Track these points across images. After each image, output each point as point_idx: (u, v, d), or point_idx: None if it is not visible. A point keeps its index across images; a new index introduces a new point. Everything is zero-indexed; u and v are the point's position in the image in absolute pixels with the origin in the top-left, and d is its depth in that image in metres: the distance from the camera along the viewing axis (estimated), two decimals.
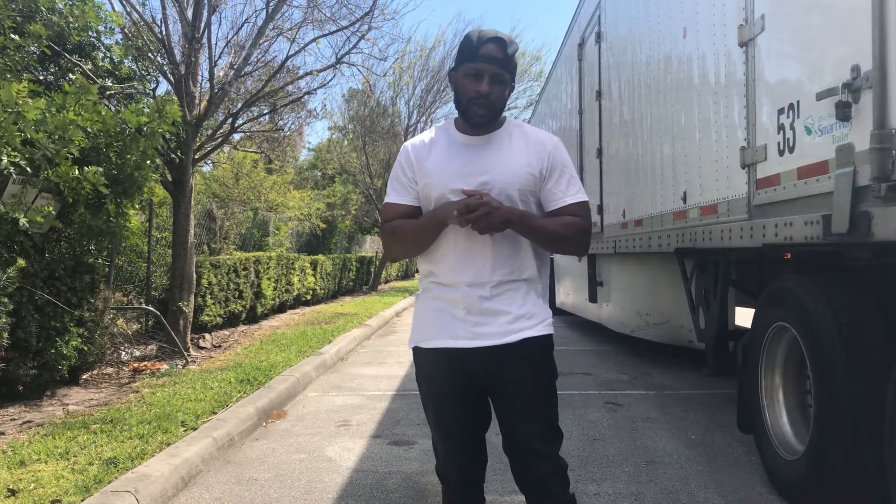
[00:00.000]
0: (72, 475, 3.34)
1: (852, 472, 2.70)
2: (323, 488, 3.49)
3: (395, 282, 26.00)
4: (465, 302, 2.00)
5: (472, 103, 1.99)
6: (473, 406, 2.07)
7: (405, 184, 2.09)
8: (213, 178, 15.12)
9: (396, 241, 2.13)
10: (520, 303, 2.01)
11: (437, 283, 2.07)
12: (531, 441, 1.99)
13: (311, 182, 26.98)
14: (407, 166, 2.09)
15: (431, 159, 2.06)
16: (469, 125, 2.05)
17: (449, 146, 2.07)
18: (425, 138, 2.14)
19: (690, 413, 4.88)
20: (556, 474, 1.99)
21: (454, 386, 2.04)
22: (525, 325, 2.00)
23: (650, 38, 5.46)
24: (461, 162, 2.02)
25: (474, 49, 1.98)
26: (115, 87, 6.97)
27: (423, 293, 2.14)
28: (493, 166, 2.00)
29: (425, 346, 2.08)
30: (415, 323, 2.16)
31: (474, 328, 1.99)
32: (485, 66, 1.97)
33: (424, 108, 21.42)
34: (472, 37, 2.02)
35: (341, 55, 9.00)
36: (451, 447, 2.09)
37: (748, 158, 3.59)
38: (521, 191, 2.01)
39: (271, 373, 5.96)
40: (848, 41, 2.65)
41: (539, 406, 2.02)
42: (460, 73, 2.02)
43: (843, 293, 2.92)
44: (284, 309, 12.32)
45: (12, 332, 4.56)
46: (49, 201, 4.92)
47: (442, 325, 2.03)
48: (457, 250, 2.01)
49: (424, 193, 2.05)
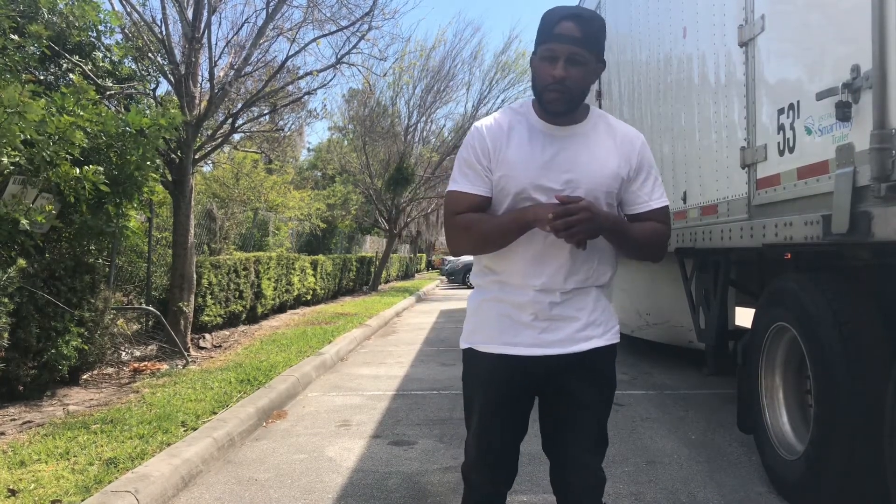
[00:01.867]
0: (72, 475, 3.34)
1: (852, 471, 2.70)
2: (323, 488, 3.49)
3: (395, 282, 26.00)
4: (533, 307, 1.85)
5: (546, 89, 1.79)
6: (521, 415, 1.96)
7: (480, 172, 1.86)
8: (213, 179, 15.10)
9: (469, 238, 1.89)
10: (590, 308, 1.89)
11: (500, 283, 1.90)
12: (579, 452, 1.90)
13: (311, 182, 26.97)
14: (482, 153, 1.86)
15: (512, 148, 1.84)
16: (546, 111, 1.84)
17: (530, 135, 1.86)
18: (502, 123, 1.89)
19: (690, 413, 4.88)
20: (596, 487, 1.91)
21: (509, 394, 1.92)
22: (594, 334, 1.89)
23: (650, 38, 5.46)
24: (545, 155, 1.83)
25: (550, 28, 1.77)
26: (116, 87, 6.97)
27: (481, 291, 1.96)
28: (580, 163, 1.82)
29: (482, 350, 1.93)
30: (470, 322, 1.99)
31: (541, 335, 1.85)
32: (560, 47, 1.75)
33: (424, 108, 21.42)
34: (549, 15, 1.80)
35: (341, 55, 9.00)
36: (486, 455, 1.97)
37: (748, 158, 3.59)
38: (608, 192, 1.85)
39: (271, 373, 5.96)
40: (848, 41, 2.65)
41: (595, 418, 1.92)
42: (538, 54, 1.81)
43: (843, 293, 2.92)
44: (284, 309, 12.32)
45: (12, 332, 4.56)
46: (49, 201, 4.92)
47: (504, 329, 1.88)
48: (530, 251, 1.84)
49: (501, 185, 1.85)
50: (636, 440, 4.23)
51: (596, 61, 1.82)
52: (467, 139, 1.92)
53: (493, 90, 22.12)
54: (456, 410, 5.13)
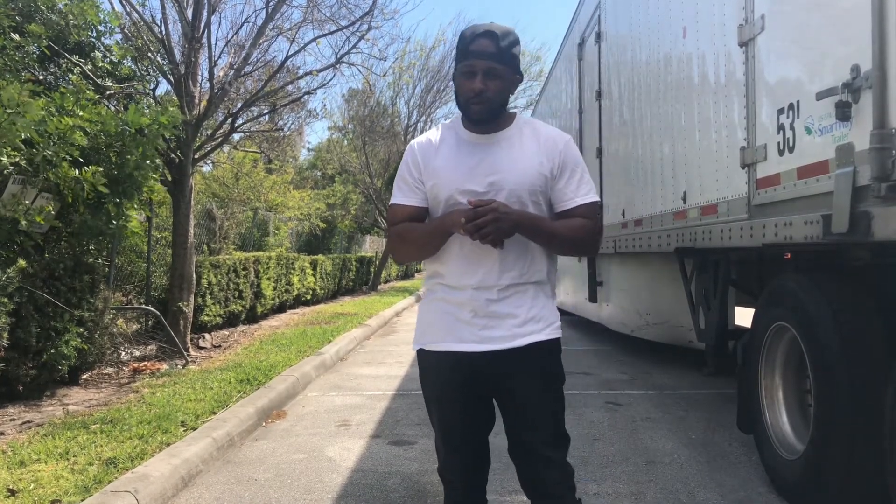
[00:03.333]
0: (71, 475, 3.33)
1: (852, 471, 2.70)
2: (323, 488, 3.49)
3: (395, 282, 26.00)
4: (471, 304, 1.95)
5: (469, 102, 1.94)
6: (478, 409, 2.04)
7: (411, 184, 2.02)
8: (212, 178, 15.10)
9: (403, 246, 2.09)
10: (528, 305, 1.97)
11: (443, 285, 2.01)
12: (539, 447, 1.95)
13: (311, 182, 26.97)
14: (413, 166, 2.02)
15: (439, 159, 1.99)
16: (471, 121, 1.99)
17: (458, 145, 2.01)
18: (432, 137, 2.06)
19: (690, 413, 4.88)
20: (563, 481, 1.96)
21: (459, 389, 2.00)
22: (533, 329, 1.95)
23: (650, 38, 5.46)
24: (470, 161, 1.96)
25: (466, 47, 1.93)
26: (115, 87, 6.97)
27: (429, 294, 2.08)
28: (502, 166, 1.94)
29: (430, 349, 2.03)
30: (419, 325, 2.10)
31: (481, 331, 1.94)
32: (477, 63, 1.90)
33: (424, 107, 21.43)
34: (465, 34, 1.96)
35: (341, 55, 9.00)
36: (453, 450, 2.06)
37: (748, 158, 3.59)
38: (531, 191, 1.94)
39: (271, 373, 5.96)
40: (848, 41, 2.65)
41: (547, 411, 1.97)
42: (458, 72, 1.97)
43: (842, 293, 2.92)
44: (284, 309, 12.31)
45: (12, 332, 4.56)
46: (49, 201, 4.91)
47: (448, 328, 1.98)
48: (464, 252, 1.95)
49: (433, 194, 1.99)
50: (636, 440, 4.23)
51: (512, 73, 1.97)
52: (403, 156, 2.09)
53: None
54: None
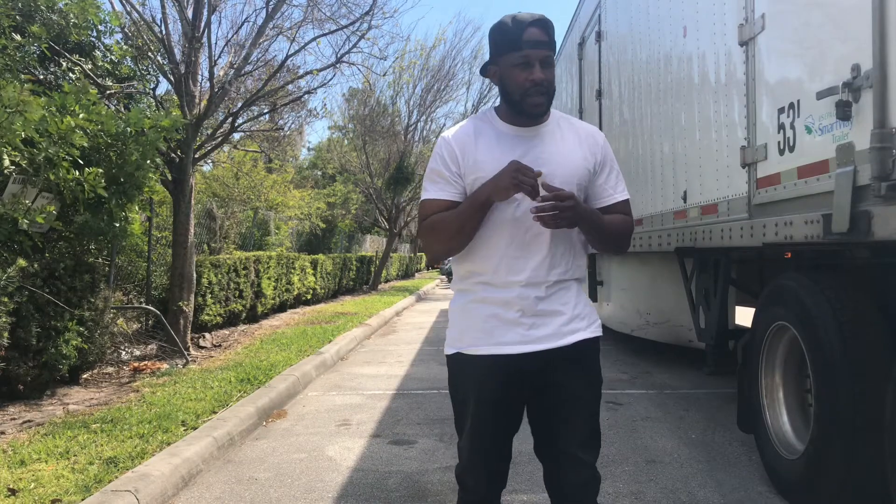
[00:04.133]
0: (72, 474, 3.34)
1: (852, 471, 2.70)
2: (323, 488, 3.49)
3: (395, 281, 26.00)
4: (519, 303, 1.87)
5: (527, 94, 1.84)
6: (512, 412, 1.97)
7: (448, 178, 1.91)
8: (213, 178, 15.10)
9: (437, 237, 1.93)
10: (573, 302, 1.93)
11: (483, 284, 1.92)
12: (573, 447, 1.90)
13: (312, 181, 26.99)
14: (450, 159, 1.91)
15: (481, 152, 1.89)
16: (524, 117, 1.90)
17: (498, 138, 1.92)
18: (468, 129, 1.96)
19: (690, 412, 4.88)
20: (591, 484, 1.91)
21: (501, 395, 1.92)
22: (579, 327, 1.92)
23: (650, 38, 5.46)
24: (515, 154, 1.86)
25: (517, 36, 1.83)
26: (115, 86, 6.97)
27: (464, 295, 1.98)
28: (550, 158, 1.88)
29: (472, 353, 1.93)
30: (455, 327, 2.00)
31: (529, 331, 1.87)
32: (533, 52, 1.82)
33: (424, 107, 21.42)
34: (508, 23, 1.86)
35: (341, 54, 9.00)
36: (482, 457, 1.98)
37: (748, 158, 3.59)
38: (578, 185, 1.90)
39: (271, 372, 5.96)
40: (848, 40, 2.65)
41: (587, 410, 1.93)
42: (506, 63, 1.86)
43: (843, 292, 2.91)
44: (285, 308, 12.32)
45: (12, 332, 4.56)
46: (49, 201, 4.91)
47: (491, 330, 1.89)
48: (512, 247, 1.87)
49: (477, 187, 1.88)
50: (636, 439, 4.23)
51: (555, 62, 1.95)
52: (435, 149, 1.97)
53: (494, 89, 22.09)
54: None
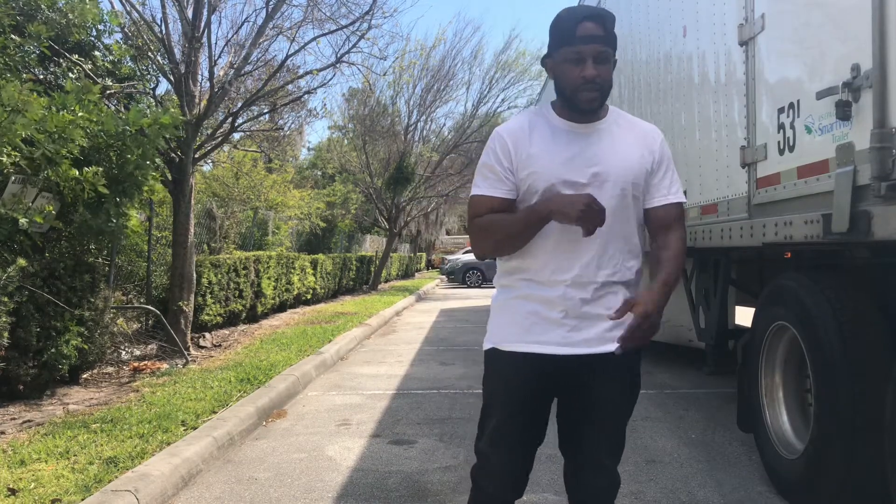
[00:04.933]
0: (72, 474, 3.34)
1: (852, 470, 2.70)
2: (323, 487, 3.49)
3: (395, 281, 25.99)
4: (563, 303, 1.82)
5: (579, 90, 1.81)
6: (541, 419, 1.93)
7: (500, 174, 1.86)
8: (212, 178, 15.09)
9: (489, 238, 1.89)
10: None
11: (528, 281, 1.87)
12: (599, 453, 1.88)
13: (311, 181, 26.98)
14: (503, 154, 1.86)
15: (535, 147, 1.85)
16: (578, 113, 1.87)
17: (553, 133, 1.87)
18: (523, 124, 1.92)
19: (690, 412, 4.88)
20: (611, 488, 1.90)
21: (532, 395, 1.88)
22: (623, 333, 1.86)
23: (650, 37, 5.46)
24: (570, 151, 1.83)
25: (570, 30, 1.80)
26: (115, 86, 6.97)
27: (506, 291, 1.93)
28: (606, 156, 1.84)
29: (508, 349, 1.88)
30: (495, 321, 1.95)
31: (570, 333, 1.82)
32: (586, 48, 1.79)
33: (424, 107, 21.40)
34: (564, 17, 1.83)
35: (341, 54, 8.99)
36: (505, 459, 1.91)
37: (748, 157, 3.59)
38: (634, 183, 1.86)
39: (271, 372, 5.96)
40: (848, 40, 2.65)
41: (620, 418, 1.91)
42: (560, 58, 1.83)
43: (842, 292, 2.91)
44: (285, 308, 12.31)
45: (12, 332, 4.56)
46: (49, 201, 4.91)
47: (532, 328, 1.85)
48: (560, 244, 1.82)
49: (529, 184, 1.85)
50: (636, 439, 4.23)
51: (614, 56, 1.89)
52: (488, 143, 1.92)
53: (493, 89, 22.12)
54: (455, 410, 5.13)
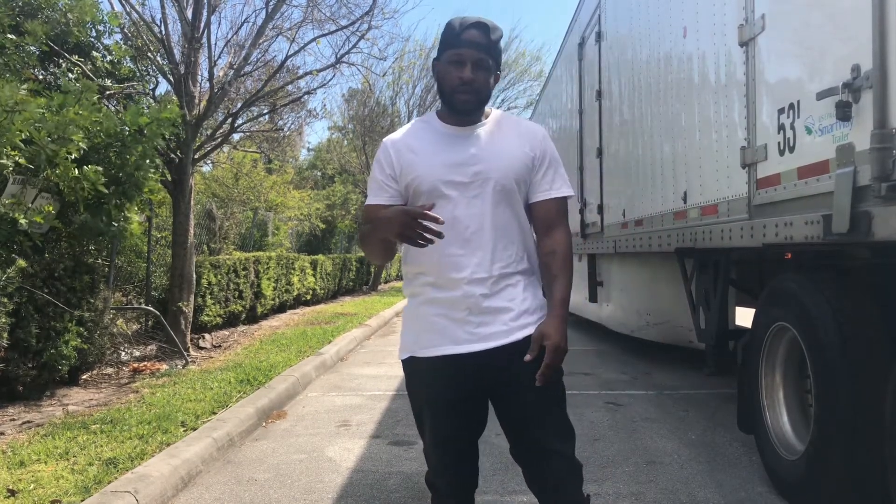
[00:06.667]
0: (71, 475, 3.33)
1: (852, 471, 2.69)
2: (323, 488, 3.49)
3: (395, 282, 25.99)
4: (465, 302, 1.88)
5: (455, 91, 1.90)
6: (472, 412, 1.97)
7: (381, 182, 1.96)
8: (212, 178, 15.09)
9: (364, 248, 2.02)
10: (521, 297, 1.92)
11: (429, 285, 1.94)
12: (546, 440, 1.90)
13: (311, 182, 26.98)
14: (385, 163, 1.96)
15: (416, 151, 1.94)
16: (454, 112, 1.96)
17: (434, 137, 1.96)
18: (406, 131, 2.02)
19: (691, 413, 4.88)
20: (572, 474, 1.91)
21: (456, 395, 1.92)
22: (528, 321, 1.91)
23: (650, 38, 5.45)
24: (451, 152, 1.91)
25: (456, 35, 1.89)
26: (115, 87, 6.97)
27: (413, 299, 2.00)
28: (486, 155, 1.92)
29: (422, 356, 1.93)
30: (407, 332, 2.01)
31: (477, 329, 1.88)
32: (467, 52, 1.88)
33: (424, 107, 21.42)
34: (454, 23, 1.92)
35: (341, 55, 9.00)
36: (448, 459, 1.99)
37: (748, 158, 3.59)
38: (517, 179, 1.93)
39: (271, 373, 5.96)
40: (848, 40, 2.65)
41: (551, 403, 1.92)
42: (443, 60, 1.93)
43: (843, 293, 2.91)
44: (284, 309, 12.31)
45: (12, 332, 4.56)
46: (49, 201, 4.91)
47: (441, 331, 1.90)
48: (453, 245, 1.88)
49: (413, 187, 1.92)
50: (636, 440, 4.23)
51: (496, 67, 1.97)
52: (376, 155, 2.02)
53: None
54: None
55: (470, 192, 1.89)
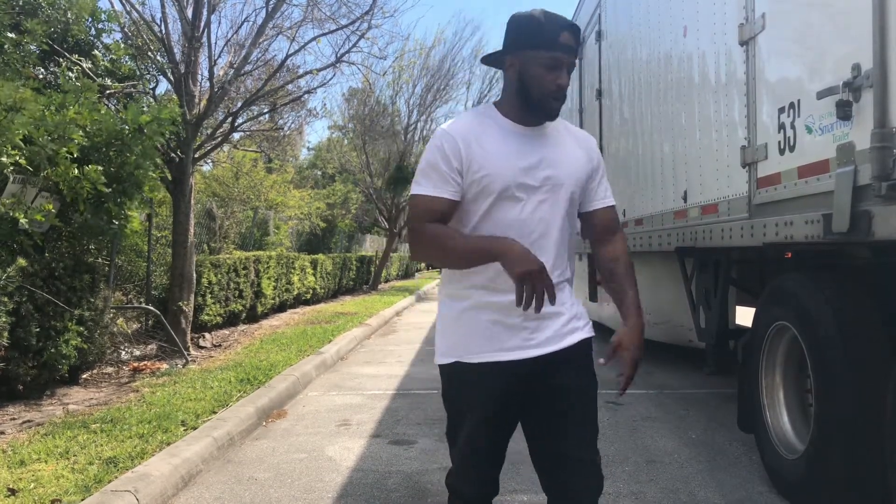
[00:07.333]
0: (72, 475, 3.33)
1: (852, 470, 2.69)
2: (323, 488, 3.49)
3: (395, 281, 26.00)
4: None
5: (549, 96, 1.80)
6: (512, 423, 1.93)
7: (446, 174, 1.80)
8: (212, 178, 15.09)
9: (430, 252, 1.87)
10: (570, 303, 1.90)
11: (483, 289, 1.84)
12: (579, 450, 1.86)
13: (311, 181, 26.98)
14: (452, 155, 1.80)
15: (488, 148, 1.81)
16: (540, 117, 1.87)
17: (503, 135, 1.85)
18: (470, 124, 1.87)
19: (691, 412, 4.88)
20: (600, 486, 1.88)
21: (502, 403, 1.86)
22: (577, 326, 1.89)
23: (650, 37, 5.45)
24: (523, 153, 1.83)
25: (552, 36, 1.77)
26: (115, 86, 6.96)
27: (457, 300, 1.90)
28: (557, 161, 1.86)
29: (471, 361, 1.85)
30: (451, 334, 1.91)
31: (532, 334, 1.83)
32: (564, 57, 1.78)
33: (424, 106, 21.39)
34: (540, 19, 1.79)
35: (341, 54, 9.00)
36: (481, 467, 1.93)
37: (749, 157, 3.59)
38: (580, 189, 1.90)
39: (271, 372, 5.96)
40: (848, 40, 2.65)
41: (592, 411, 1.90)
42: (532, 59, 1.80)
43: (843, 292, 2.91)
44: (285, 308, 12.31)
45: (12, 332, 4.56)
46: (49, 200, 4.91)
47: (494, 336, 1.83)
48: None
49: (483, 186, 1.80)
50: (636, 439, 4.23)
51: None
52: (434, 141, 1.85)
53: (494, 89, 22.08)
54: None
55: (537, 197, 1.83)
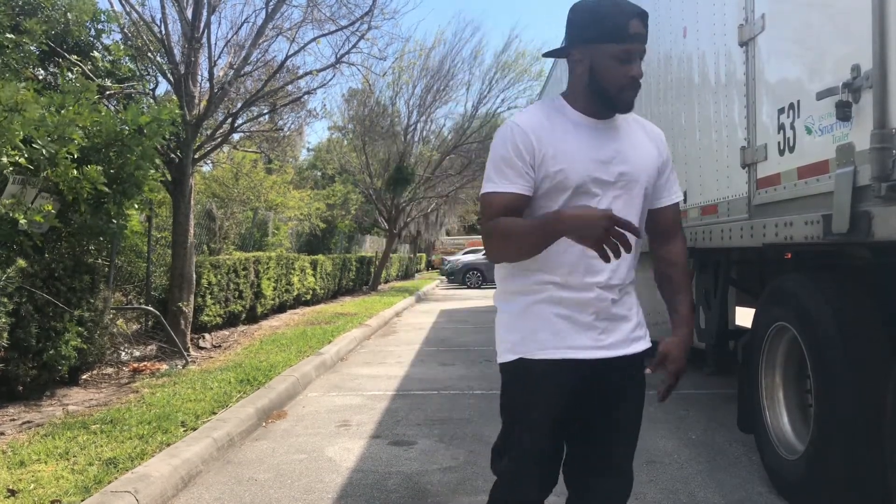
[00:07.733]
0: (72, 475, 3.33)
1: (852, 471, 2.69)
2: (323, 488, 3.49)
3: (395, 282, 25.99)
4: (596, 305, 1.75)
5: (625, 89, 1.71)
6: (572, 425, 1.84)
7: (520, 169, 1.71)
8: (212, 178, 15.08)
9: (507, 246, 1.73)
10: (636, 308, 1.85)
11: (555, 284, 1.75)
12: (623, 461, 1.84)
13: (311, 182, 26.97)
14: (525, 149, 1.71)
15: (562, 142, 1.74)
16: (614, 111, 1.78)
17: (575, 128, 1.77)
18: (540, 117, 1.78)
19: (691, 412, 4.88)
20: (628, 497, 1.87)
21: (567, 402, 1.78)
22: (640, 335, 1.84)
23: (650, 37, 5.45)
24: (596, 147, 1.75)
25: (621, 27, 1.67)
26: (115, 86, 6.96)
27: (524, 296, 1.80)
28: (629, 155, 1.78)
29: (539, 358, 1.76)
30: (517, 329, 1.81)
31: (601, 335, 1.76)
32: (636, 48, 1.70)
33: (424, 107, 21.37)
34: (611, 12, 1.68)
35: (341, 55, 9.00)
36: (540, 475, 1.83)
37: (748, 158, 3.59)
38: (651, 184, 1.83)
39: (271, 373, 5.95)
40: (848, 40, 2.65)
41: (638, 426, 1.87)
42: (603, 53, 1.70)
43: (843, 293, 2.91)
44: (284, 309, 12.31)
45: (12, 332, 4.56)
46: (49, 201, 4.91)
47: (563, 332, 1.75)
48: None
49: (558, 180, 1.72)
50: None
51: None
52: (504, 135, 1.76)
53: (493, 90, 22.06)
54: (456, 411, 5.13)
55: (612, 192, 1.75)
